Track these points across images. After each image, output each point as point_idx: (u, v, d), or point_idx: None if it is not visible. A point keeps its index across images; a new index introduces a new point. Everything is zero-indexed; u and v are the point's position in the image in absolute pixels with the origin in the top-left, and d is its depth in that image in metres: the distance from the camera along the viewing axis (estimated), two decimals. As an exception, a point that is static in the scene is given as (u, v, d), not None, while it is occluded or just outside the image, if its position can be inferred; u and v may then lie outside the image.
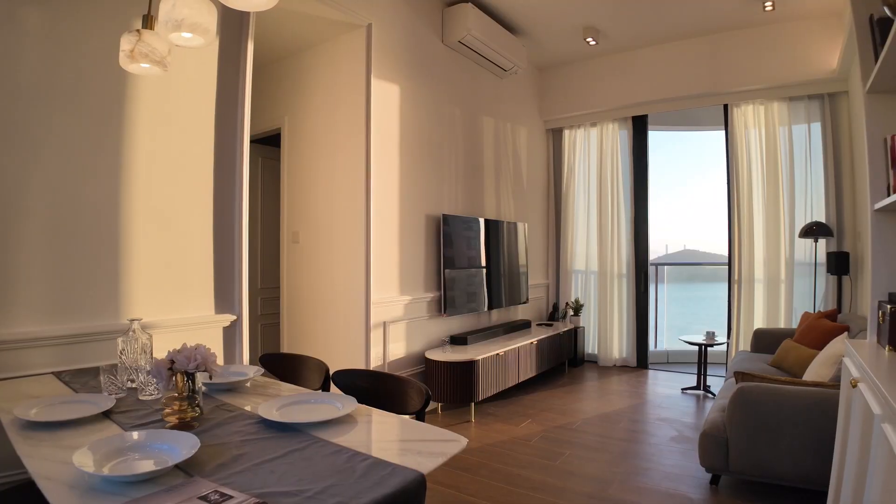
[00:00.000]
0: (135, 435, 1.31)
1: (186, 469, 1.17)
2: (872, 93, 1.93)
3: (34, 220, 2.08)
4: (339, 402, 1.64)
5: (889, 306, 1.75)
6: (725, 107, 5.15)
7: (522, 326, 5.24)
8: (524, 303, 5.56)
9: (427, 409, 3.94)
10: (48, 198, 2.12)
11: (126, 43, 1.78)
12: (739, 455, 2.56)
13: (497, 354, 4.16)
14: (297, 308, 4.20)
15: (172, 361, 1.47)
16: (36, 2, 2.07)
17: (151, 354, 1.81)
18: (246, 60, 2.82)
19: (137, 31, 1.77)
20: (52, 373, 2.05)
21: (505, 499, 2.69)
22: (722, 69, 5.01)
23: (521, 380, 4.58)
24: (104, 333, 2.22)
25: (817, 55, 4.55)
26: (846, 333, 3.06)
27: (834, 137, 4.67)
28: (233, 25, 2.81)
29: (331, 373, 2.12)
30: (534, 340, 4.74)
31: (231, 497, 1.04)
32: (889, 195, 1.81)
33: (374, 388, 1.97)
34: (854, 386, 1.71)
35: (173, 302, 2.55)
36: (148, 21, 1.82)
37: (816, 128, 4.74)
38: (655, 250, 7.40)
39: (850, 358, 1.92)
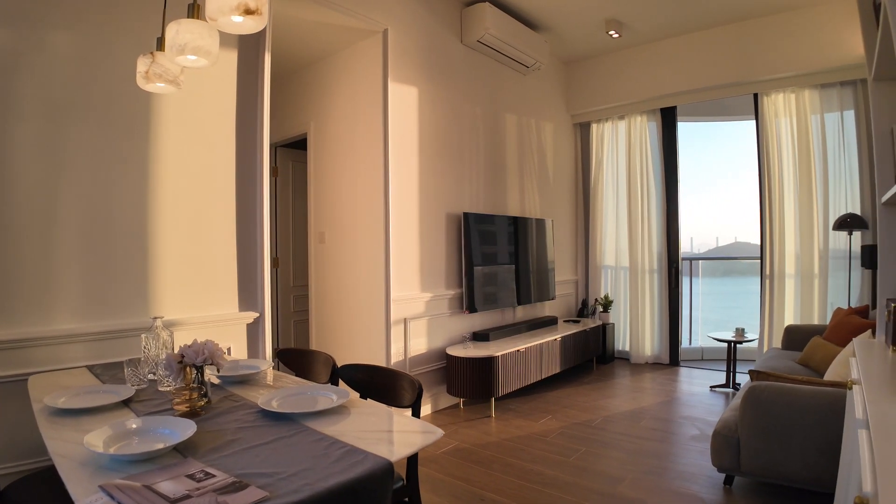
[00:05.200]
0: (141, 421, 1.45)
1: (182, 451, 1.30)
2: (878, 80, 1.86)
3: (69, 227, 2.27)
4: (335, 395, 1.74)
5: (894, 304, 1.69)
6: (755, 96, 4.99)
7: (548, 323, 5.23)
8: (551, 299, 5.54)
9: (448, 405, 4.05)
10: (82, 206, 2.31)
11: (142, 65, 1.94)
12: (750, 455, 2.51)
13: (518, 351, 4.18)
14: (323, 305, 4.35)
15: (182, 355, 1.62)
16: (64, 26, 2.26)
17: (172, 349, 1.94)
18: (264, 72, 2.95)
19: (151, 53, 1.92)
20: (86, 366, 2.23)
21: (514, 493, 2.72)
22: (750, 57, 4.86)
23: (545, 376, 4.59)
24: (133, 330, 2.40)
25: (847, 40, 4.36)
26: (870, 331, 2.93)
27: (868, 125, 4.45)
28: (250, 39, 2.94)
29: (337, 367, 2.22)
30: (557, 337, 4.73)
31: (213, 476, 1.16)
32: None
33: (370, 381, 2.06)
34: (850, 388, 1.66)
35: (199, 301, 2.72)
36: (161, 44, 1.95)
37: (850, 115, 4.54)
38: (706, 243, 7.20)
39: (854, 358, 1.86)
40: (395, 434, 1.52)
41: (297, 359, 2.49)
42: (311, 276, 4.47)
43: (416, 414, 1.87)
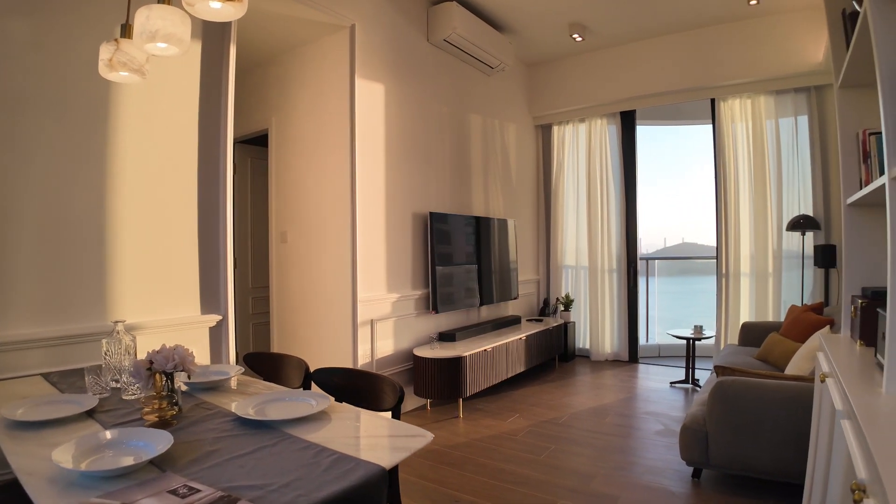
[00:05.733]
0: (112, 433, 1.35)
1: (160, 465, 1.22)
2: (844, 87, 1.94)
3: (23, 224, 2.12)
4: (313, 400, 1.69)
5: (860, 301, 1.77)
6: (713, 101, 5.16)
7: (512, 322, 5.26)
8: (514, 299, 5.58)
9: (416, 406, 4.00)
10: (37, 203, 2.16)
11: (105, 52, 1.82)
12: (719, 449, 2.58)
13: (485, 350, 4.18)
14: (286, 307, 4.22)
15: (151, 362, 1.53)
16: (22, 12, 2.10)
17: (135, 356, 1.84)
18: (228, 65, 2.84)
19: (116, 40, 1.81)
20: (41, 374, 2.08)
21: (488, 493, 2.71)
22: (708, 63, 5.02)
23: (510, 375, 4.61)
24: (92, 335, 2.25)
25: (803, 48, 4.56)
26: (829, 327, 3.08)
27: (821, 130, 4.69)
28: (215, 30, 2.83)
29: (311, 371, 2.15)
30: (523, 336, 4.76)
31: (198, 490, 1.09)
32: (861, 189, 1.83)
33: (349, 385, 2.00)
34: (823, 381, 1.72)
35: (160, 303, 2.58)
36: (126, 30, 1.84)
37: (803, 121, 4.75)
38: (654, 244, 7.41)
39: (823, 352, 1.94)
40: (384, 439, 1.48)
41: (266, 363, 2.40)
42: (272, 277, 4.33)
43: (396, 417, 1.83)
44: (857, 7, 1.65)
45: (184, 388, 1.88)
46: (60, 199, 2.23)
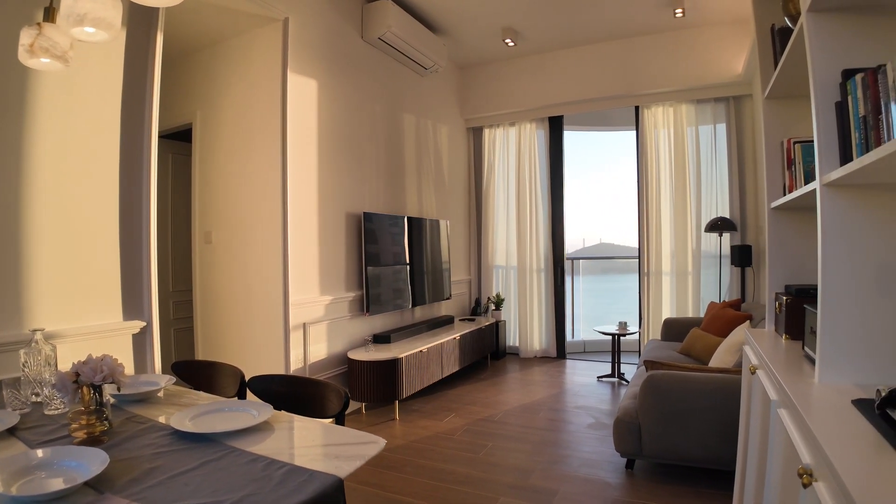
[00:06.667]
0: (42, 452, 1.25)
1: (97, 486, 1.13)
2: (771, 98, 2.08)
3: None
4: (254, 410, 1.63)
5: (785, 298, 1.90)
6: (637, 108, 5.41)
7: (446, 322, 5.27)
8: (447, 299, 5.59)
9: (350, 410, 3.90)
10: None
11: (26, 37, 1.66)
12: (651, 440, 2.70)
13: (420, 351, 4.16)
14: (211, 311, 3.99)
15: (78, 374, 1.42)
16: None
17: (56, 367, 1.70)
18: (155, 54, 2.66)
19: (38, 24, 1.66)
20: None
21: (429, 494, 2.69)
22: (634, 72, 5.26)
23: (445, 375, 4.62)
24: (6, 345, 2.02)
25: (724, 60, 4.88)
26: (748, 322, 3.31)
27: (738, 138, 5.04)
28: (141, 17, 2.63)
29: (246, 379, 2.04)
30: (457, 336, 4.78)
31: None
32: (784, 194, 1.96)
33: (291, 392, 1.93)
34: (753, 372, 1.83)
35: (79, 309, 2.37)
36: (50, 14, 1.67)
37: (722, 129, 5.08)
38: (573, 244, 7.69)
39: (750, 346, 2.07)
40: (334, 447, 1.43)
41: (197, 372, 2.27)
42: (195, 279, 4.08)
43: (340, 423, 1.77)
44: (788, 23, 1.77)
45: (112, 400, 1.73)
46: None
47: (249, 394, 2.04)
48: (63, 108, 2.30)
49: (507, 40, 5.26)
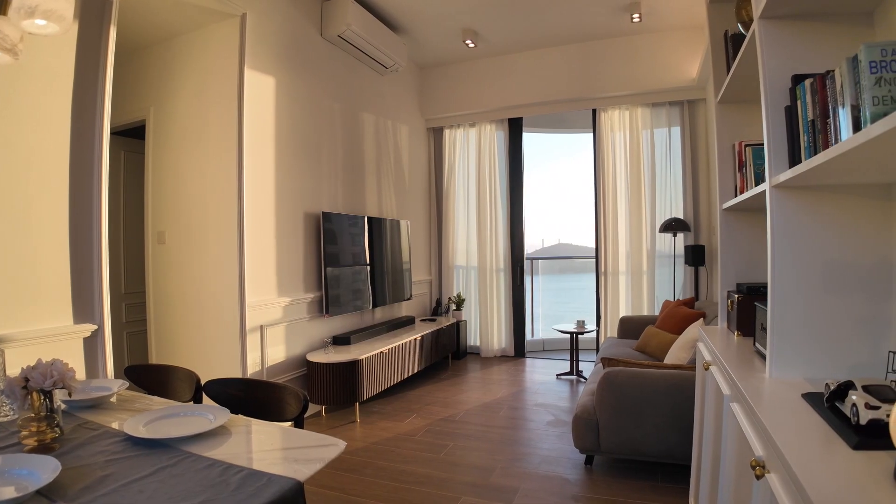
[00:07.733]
0: None
1: (48, 494, 1.09)
2: (723, 103, 2.15)
3: None
4: (210, 414, 1.59)
5: (736, 296, 1.96)
6: (594, 111, 5.51)
7: (406, 323, 5.24)
8: (408, 299, 5.57)
9: (310, 413, 3.84)
10: None
11: None
12: (609, 435, 2.75)
13: (381, 352, 4.12)
14: (165, 314, 3.85)
15: (27, 379, 1.39)
16: None
17: (4, 372, 1.63)
18: (107, 48, 2.57)
19: None
20: None
21: (391, 496, 2.67)
22: (592, 75, 5.36)
23: (406, 376, 4.59)
24: None
25: (679, 65, 5.02)
26: (702, 319, 3.41)
27: (692, 141, 5.20)
28: (93, 10, 2.54)
29: (202, 383, 1.98)
30: (417, 336, 4.76)
31: None
32: (736, 196, 2.03)
33: (248, 396, 1.88)
34: (707, 368, 1.89)
35: (27, 312, 2.27)
36: (3, 6, 1.57)
37: (676, 132, 5.23)
38: (533, 244, 7.78)
39: (703, 343, 2.13)
40: (293, 451, 1.39)
41: (151, 376, 2.19)
42: (148, 281, 3.93)
43: (299, 427, 1.74)
44: (741, 29, 1.83)
45: (63, 406, 1.65)
46: None
47: (205, 398, 2.00)
48: (10, 102, 2.20)
49: (468, 41, 5.27)
